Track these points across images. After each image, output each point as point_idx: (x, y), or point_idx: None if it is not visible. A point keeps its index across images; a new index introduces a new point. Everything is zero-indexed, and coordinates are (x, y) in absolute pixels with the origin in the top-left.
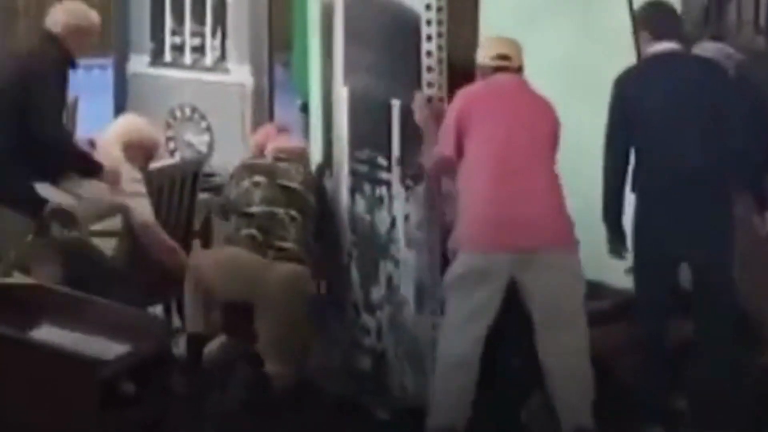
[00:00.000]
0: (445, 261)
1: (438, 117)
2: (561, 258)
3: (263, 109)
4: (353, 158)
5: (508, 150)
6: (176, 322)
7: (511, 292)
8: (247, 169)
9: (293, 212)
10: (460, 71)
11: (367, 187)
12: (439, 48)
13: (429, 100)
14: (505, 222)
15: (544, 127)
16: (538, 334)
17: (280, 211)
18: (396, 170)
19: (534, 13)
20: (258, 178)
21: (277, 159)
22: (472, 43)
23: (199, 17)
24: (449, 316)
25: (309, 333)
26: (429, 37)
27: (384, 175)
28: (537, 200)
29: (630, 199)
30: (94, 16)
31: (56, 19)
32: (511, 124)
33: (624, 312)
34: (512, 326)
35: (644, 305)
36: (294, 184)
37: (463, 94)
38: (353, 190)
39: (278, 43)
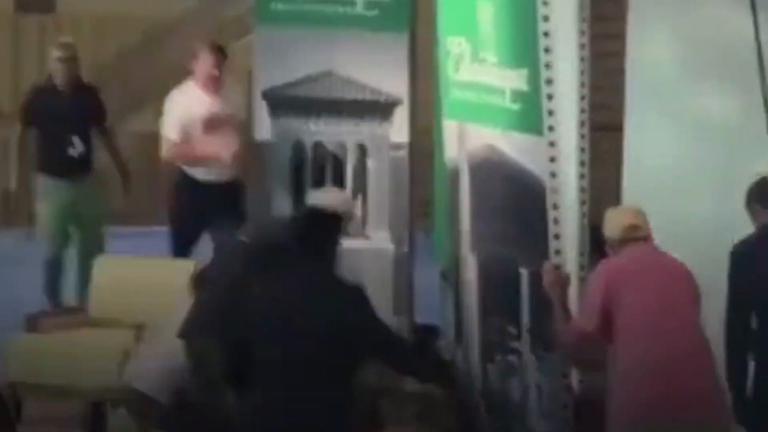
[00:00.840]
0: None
1: (564, 285)
2: (717, 429)
3: (403, 275)
4: (483, 326)
5: (660, 320)
6: None
7: None
8: None
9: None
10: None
11: (498, 356)
12: (583, 215)
13: (557, 267)
14: (664, 392)
15: (687, 293)
16: None
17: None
18: (526, 339)
19: (677, 179)
20: None
21: None
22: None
23: (339, 183)
24: None
25: None
26: (555, 206)
27: (514, 344)
28: (692, 368)
29: None
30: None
31: (324, 199)
32: (658, 294)
33: None
34: None
35: None
36: None
37: (605, 268)
38: (484, 359)
39: (420, 208)
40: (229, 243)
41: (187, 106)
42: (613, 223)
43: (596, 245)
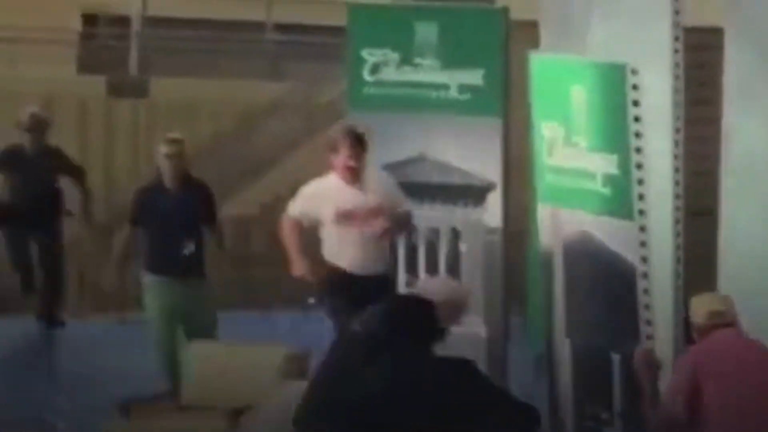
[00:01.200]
0: None
1: (655, 369)
2: None
3: (497, 360)
4: (577, 411)
5: (746, 404)
6: None
7: None
8: None
9: None
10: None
11: None
12: (678, 300)
13: (649, 352)
14: None
15: None
16: None
17: None
18: (618, 424)
19: None
20: None
21: None
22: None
23: (432, 267)
24: None
25: None
26: (646, 291)
27: (608, 430)
28: None
29: None
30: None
31: (437, 290)
32: (743, 379)
33: None
34: None
35: None
36: None
37: (693, 353)
38: None
39: (514, 292)
40: (344, 330)
41: (320, 192)
42: (698, 309)
43: (687, 331)
